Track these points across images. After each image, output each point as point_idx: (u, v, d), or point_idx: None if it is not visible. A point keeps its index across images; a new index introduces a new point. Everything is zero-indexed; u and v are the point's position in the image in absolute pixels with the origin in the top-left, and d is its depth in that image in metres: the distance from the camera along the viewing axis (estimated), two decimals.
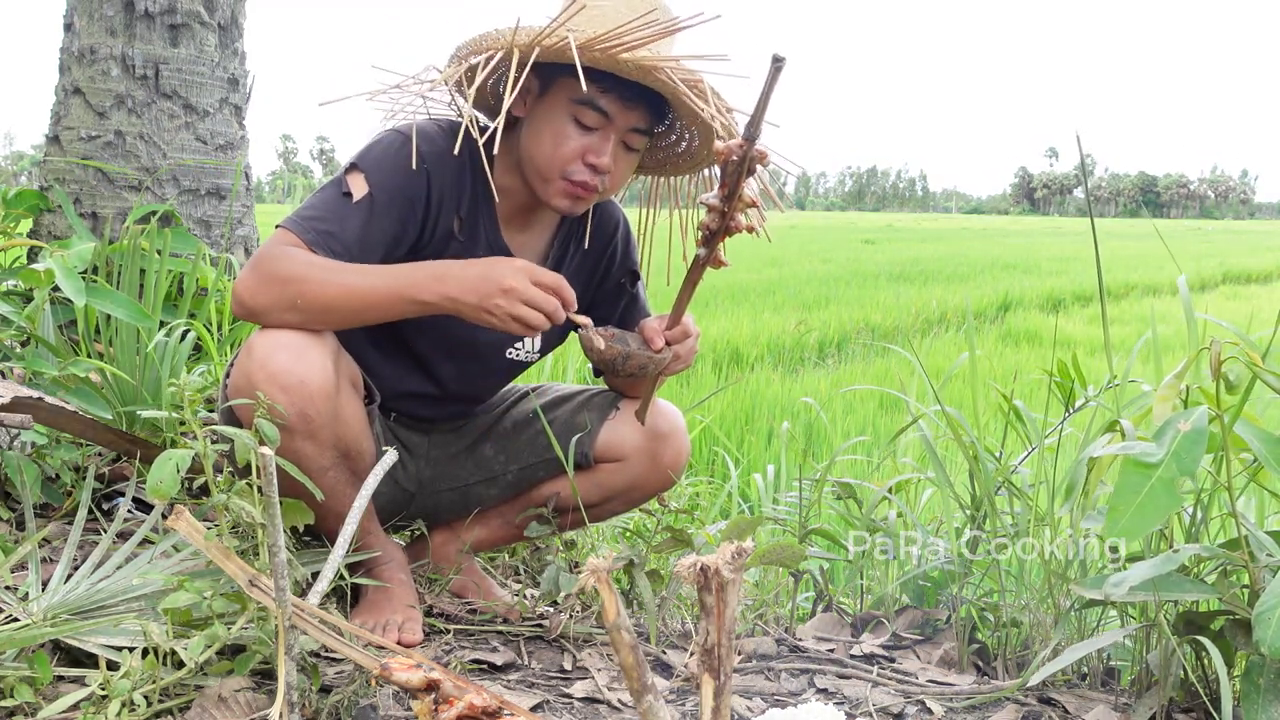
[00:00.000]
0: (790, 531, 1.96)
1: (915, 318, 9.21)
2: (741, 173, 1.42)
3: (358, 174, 1.57)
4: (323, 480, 1.53)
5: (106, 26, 3.11)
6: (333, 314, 1.51)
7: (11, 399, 1.69)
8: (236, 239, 3.34)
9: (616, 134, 1.60)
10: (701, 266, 1.54)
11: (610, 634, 0.88)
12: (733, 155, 1.40)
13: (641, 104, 1.59)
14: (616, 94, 1.56)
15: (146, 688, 1.21)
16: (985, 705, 1.52)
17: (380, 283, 1.51)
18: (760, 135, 1.39)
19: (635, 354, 1.64)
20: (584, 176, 1.60)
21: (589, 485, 1.84)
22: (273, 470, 1.10)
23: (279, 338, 1.49)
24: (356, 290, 1.50)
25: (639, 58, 1.50)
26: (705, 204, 1.48)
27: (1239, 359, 1.32)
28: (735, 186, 1.44)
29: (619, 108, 1.58)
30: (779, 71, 1.33)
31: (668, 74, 1.51)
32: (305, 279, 1.48)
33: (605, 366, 1.66)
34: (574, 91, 1.55)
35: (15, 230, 3.00)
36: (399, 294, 1.51)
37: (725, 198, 1.45)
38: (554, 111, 1.59)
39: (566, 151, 1.59)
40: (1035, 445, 1.77)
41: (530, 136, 1.62)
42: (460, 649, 1.61)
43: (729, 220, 1.47)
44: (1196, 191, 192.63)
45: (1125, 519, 1.21)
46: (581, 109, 1.57)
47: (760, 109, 1.36)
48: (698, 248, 1.51)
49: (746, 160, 1.40)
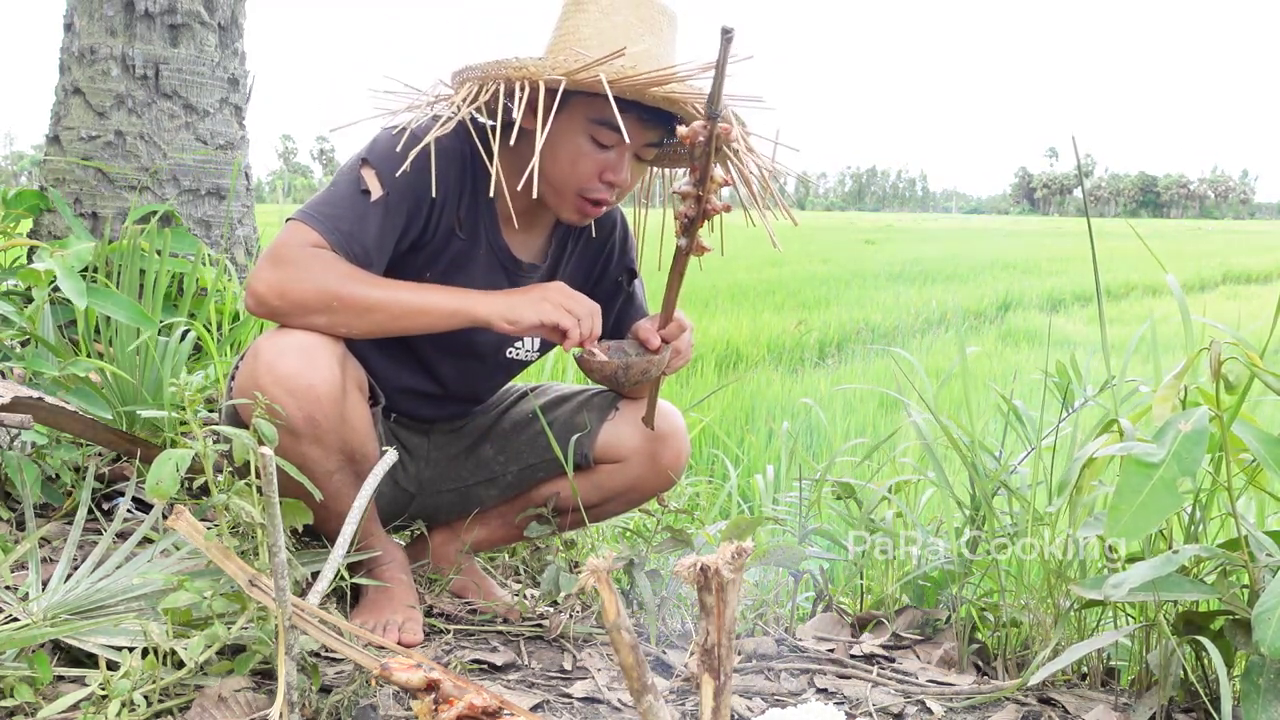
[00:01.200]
0: (790, 531, 1.96)
1: (915, 318, 9.21)
2: (710, 153, 1.42)
3: (370, 170, 1.56)
4: (328, 484, 1.53)
5: (106, 26, 3.11)
6: (369, 324, 1.53)
7: (11, 399, 1.69)
8: (236, 239, 3.34)
9: (632, 150, 1.60)
10: (685, 256, 1.54)
11: (610, 634, 0.88)
12: (698, 137, 1.40)
13: (658, 121, 1.59)
14: (635, 114, 1.55)
15: (146, 688, 1.21)
16: (985, 705, 1.52)
17: (423, 307, 1.53)
18: (722, 111, 1.40)
19: (634, 362, 1.64)
20: (600, 194, 1.60)
21: (588, 486, 1.84)
22: (273, 470, 1.10)
23: (287, 341, 1.49)
24: (400, 304, 1.52)
25: (666, 91, 1.49)
26: (679, 192, 1.49)
27: (1238, 359, 1.32)
28: (705, 168, 1.44)
29: (637, 127, 1.57)
30: (729, 43, 1.33)
31: (694, 108, 1.50)
32: (342, 292, 1.50)
33: (608, 381, 1.67)
34: (591, 111, 1.55)
35: (15, 230, 2.99)
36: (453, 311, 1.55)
37: (697, 181, 1.45)
38: (570, 129, 1.58)
39: (585, 170, 1.59)
40: (1034, 446, 1.77)
41: (545, 153, 1.58)
42: (460, 649, 1.61)
43: (705, 204, 1.47)
44: (1196, 191, 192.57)
45: (1126, 519, 1.21)
46: (600, 129, 1.57)
47: (717, 85, 1.36)
48: (678, 238, 1.52)
49: (713, 140, 1.40)
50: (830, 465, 2.02)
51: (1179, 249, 25.53)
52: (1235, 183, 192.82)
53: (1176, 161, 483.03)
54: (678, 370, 1.76)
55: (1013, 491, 1.75)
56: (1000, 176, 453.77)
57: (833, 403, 4.88)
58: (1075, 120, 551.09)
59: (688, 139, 1.41)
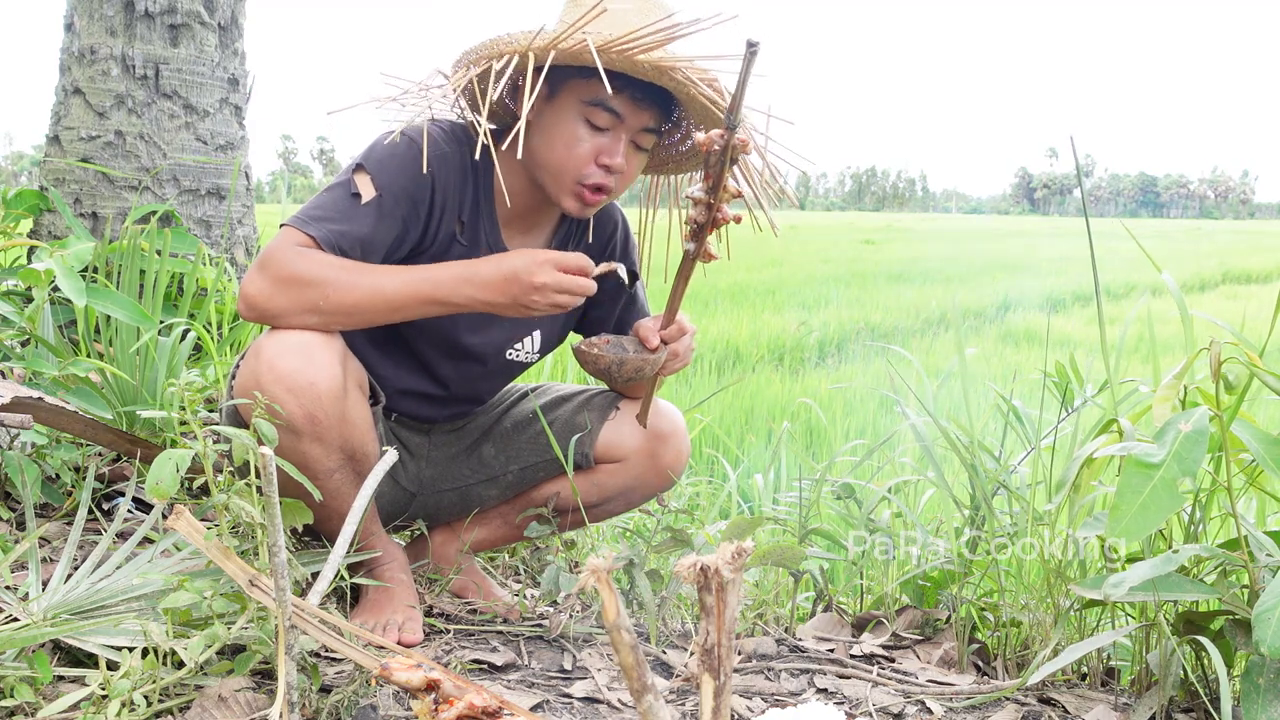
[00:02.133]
0: (790, 531, 1.96)
1: (915, 318, 9.21)
2: (724, 163, 1.42)
3: (364, 175, 1.56)
4: (328, 482, 1.53)
5: (106, 26, 3.11)
6: (356, 315, 1.51)
7: (11, 399, 1.69)
8: (236, 239, 3.34)
9: (628, 134, 1.59)
10: (692, 261, 1.54)
11: (610, 634, 0.88)
12: (714, 145, 1.40)
13: (652, 103, 1.58)
14: (628, 94, 1.55)
15: (146, 688, 1.21)
16: (985, 705, 1.52)
17: (407, 286, 1.51)
18: (740, 123, 1.40)
19: (630, 358, 1.64)
20: (598, 179, 1.59)
21: (589, 486, 1.84)
22: (273, 470, 1.10)
23: (288, 340, 1.49)
24: (383, 292, 1.50)
25: (655, 58, 1.49)
26: (691, 198, 1.48)
27: (1238, 359, 1.32)
28: (719, 177, 1.44)
29: (631, 108, 1.57)
30: (754, 57, 1.33)
31: (683, 73, 1.50)
32: (329, 281, 1.48)
33: (601, 375, 1.67)
34: (584, 93, 1.55)
35: (15, 230, 2.99)
36: (428, 297, 1.52)
37: (710, 189, 1.45)
38: (565, 114, 1.58)
39: (580, 153, 1.58)
40: (1034, 446, 1.77)
41: (541, 140, 1.60)
42: (460, 649, 1.61)
43: (715, 212, 1.47)
44: (1196, 191, 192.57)
45: (1128, 519, 1.21)
46: (593, 110, 1.57)
47: (738, 96, 1.36)
48: (685, 243, 1.51)
49: (729, 150, 1.40)
50: (830, 465, 2.02)
51: (1179, 249, 25.52)
52: (1235, 183, 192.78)
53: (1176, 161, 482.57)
54: (675, 372, 1.76)
55: (1012, 491, 1.75)
56: (1000, 176, 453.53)
57: (833, 403, 4.88)
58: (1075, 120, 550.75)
59: (704, 146, 1.41)
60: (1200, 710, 1.44)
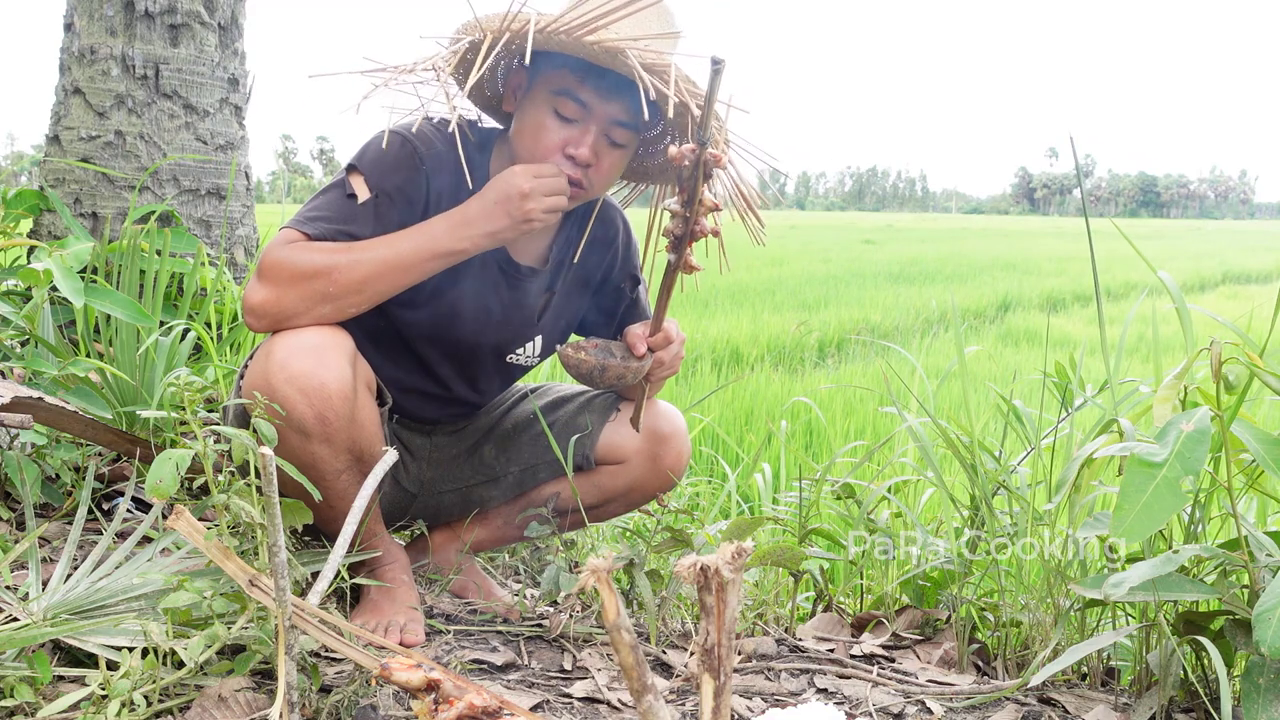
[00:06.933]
0: (790, 531, 1.96)
1: (915, 318, 9.21)
2: (698, 177, 1.42)
3: (358, 175, 1.56)
4: (336, 483, 1.53)
5: (106, 26, 3.11)
6: (368, 290, 1.52)
7: (11, 399, 1.69)
8: (236, 239, 3.34)
9: (598, 126, 1.58)
10: (674, 272, 1.55)
11: (610, 634, 0.88)
12: (684, 160, 1.41)
13: (621, 96, 1.56)
14: (593, 84, 1.54)
15: (146, 688, 1.21)
16: (985, 705, 1.52)
17: (409, 247, 1.52)
18: (711, 138, 1.40)
19: (611, 365, 1.63)
20: (567, 170, 1.57)
21: (589, 487, 1.84)
22: (273, 470, 1.10)
23: (299, 340, 1.49)
24: (387, 261, 1.51)
25: (602, 39, 1.46)
26: (669, 209, 1.49)
27: (1239, 359, 1.32)
28: (694, 191, 1.44)
29: (597, 98, 1.56)
30: (719, 74, 1.33)
31: (629, 56, 1.45)
32: (332, 265, 1.49)
33: (583, 380, 1.67)
34: (553, 83, 1.56)
35: (15, 230, 2.99)
36: (432, 251, 1.53)
37: (685, 203, 1.46)
38: (536, 104, 1.58)
39: (546, 142, 1.57)
40: (1034, 446, 1.77)
41: (515, 130, 1.62)
42: (460, 649, 1.61)
43: (693, 225, 1.48)
44: (1196, 191, 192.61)
45: (1131, 519, 1.21)
46: (561, 100, 1.56)
47: (706, 113, 1.36)
48: (667, 253, 1.52)
49: (701, 164, 1.41)
50: (830, 465, 2.02)
51: (1179, 249, 25.52)
52: (1235, 183, 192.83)
53: (1176, 161, 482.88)
54: (660, 379, 1.75)
55: (1012, 492, 1.75)
56: (1000, 176, 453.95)
57: (832, 403, 4.87)
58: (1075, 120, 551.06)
59: (676, 160, 1.41)
60: (1200, 710, 1.44)
